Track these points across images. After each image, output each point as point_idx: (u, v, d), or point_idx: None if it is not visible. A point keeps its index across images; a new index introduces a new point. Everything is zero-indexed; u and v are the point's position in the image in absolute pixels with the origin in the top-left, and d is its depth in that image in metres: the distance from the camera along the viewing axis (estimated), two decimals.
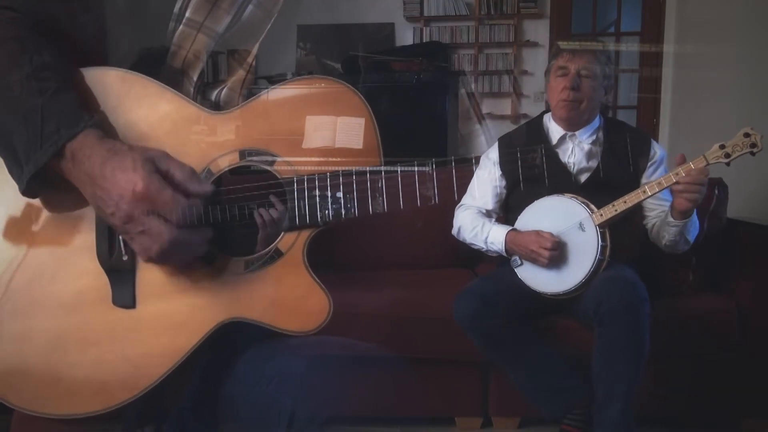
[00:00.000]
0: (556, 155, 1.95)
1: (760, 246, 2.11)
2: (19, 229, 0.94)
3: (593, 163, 1.92)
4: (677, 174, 1.65)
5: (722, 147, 1.62)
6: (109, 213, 0.84)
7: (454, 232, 2.10)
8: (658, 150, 1.94)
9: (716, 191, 2.16)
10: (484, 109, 4.80)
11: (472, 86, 4.79)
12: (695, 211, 1.75)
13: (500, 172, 2.02)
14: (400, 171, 0.94)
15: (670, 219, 1.75)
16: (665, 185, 1.67)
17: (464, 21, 4.87)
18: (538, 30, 4.83)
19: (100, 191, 0.83)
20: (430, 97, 3.91)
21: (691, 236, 1.82)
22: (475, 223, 2.00)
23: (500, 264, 2.03)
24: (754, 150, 1.59)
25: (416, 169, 0.94)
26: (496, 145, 2.07)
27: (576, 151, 1.94)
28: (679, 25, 4.20)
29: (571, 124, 1.95)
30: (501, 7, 4.80)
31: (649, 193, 1.70)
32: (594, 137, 1.95)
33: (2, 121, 0.84)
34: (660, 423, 2.02)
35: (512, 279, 1.89)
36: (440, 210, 2.18)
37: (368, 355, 1.84)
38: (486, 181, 2.02)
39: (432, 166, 0.94)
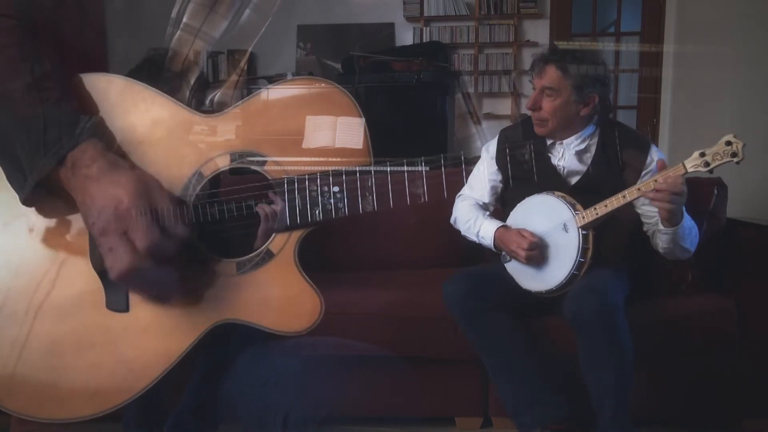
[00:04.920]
0: (547, 156, 1.93)
1: (760, 246, 2.11)
2: (14, 235, 0.94)
3: (584, 167, 1.90)
4: (656, 181, 1.61)
5: (702, 155, 1.57)
6: (90, 222, 0.84)
7: (451, 221, 2.10)
8: (656, 157, 1.86)
9: (716, 191, 2.16)
10: (484, 109, 4.80)
11: (471, 89, 4.79)
12: (685, 217, 1.71)
13: (496, 167, 2.02)
14: (390, 170, 0.94)
15: (660, 226, 1.74)
16: (644, 191, 1.64)
17: (464, 21, 4.87)
18: (538, 30, 4.83)
19: (89, 200, 0.83)
20: (430, 97, 3.90)
21: (689, 244, 1.77)
22: (469, 215, 2.00)
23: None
24: (735, 159, 1.53)
25: (405, 168, 0.94)
26: (495, 139, 2.07)
27: (566, 154, 1.91)
28: (679, 25, 4.19)
29: (553, 136, 1.92)
30: (501, 7, 4.80)
31: (629, 198, 1.67)
32: (584, 145, 1.90)
33: (4, 129, 0.84)
34: (660, 423, 2.02)
35: (503, 273, 1.90)
36: (439, 209, 2.18)
37: (368, 355, 1.84)
38: (483, 174, 2.03)
39: (422, 165, 0.94)
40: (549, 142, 1.94)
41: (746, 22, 3.23)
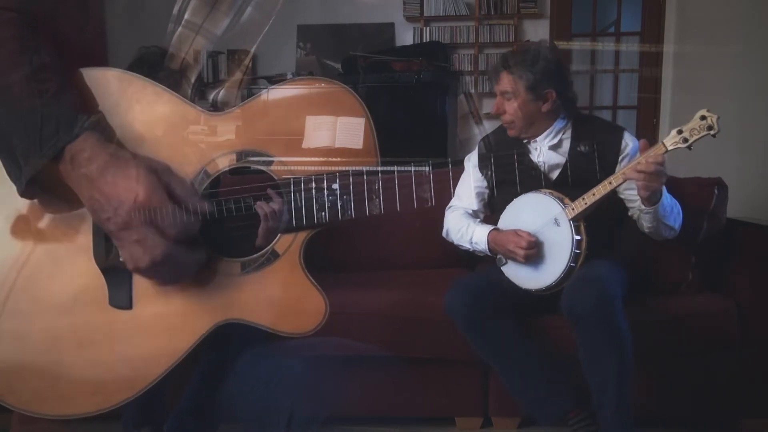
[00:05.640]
0: (527, 156, 1.96)
1: (760, 246, 2.11)
2: (17, 231, 0.94)
3: (562, 160, 1.93)
4: (639, 163, 1.63)
5: (680, 132, 1.61)
6: (105, 218, 0.83)
7: (444, 234, 2.12)
8: (630, 142, 1.91)
9: (716, 191, 2.16)
10: (484, 109, 4.79)
11: (472, 89, 4.79)
12: (664, 195, 1.73)
13: (480, 175, 2.06)
14: (397, 173, 0.93)
15: (641, 206, 1.76)
16: (629, 175, 1.66)
17: (464, 21, 4.86)
18: (538, 30, 4.82)
19: (99, 195, 0.82)
20: (430, 97, 3.90)
21: (672, 221, 1.80)
22: (460, 224, 2.03)
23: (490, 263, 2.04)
24: (712, 132, 1.56)
25: (413, 170, 0.93)
26: (476, 149, 2.11)
27: (543, 151, 1.95)
28: (679, 25, 4.19)
29: (524, 136, 1.96)
30: (501, 7, 4.79)
31: (615, 184, 1.70)
32: (557, 139, 1.94)
33: (1, 122, 0.84)
34: (660, 423, 2.02)
35: (501, 276, 1.91)
36: (440, 210, 2.18)
37: (368, 355, 1.84)
38: (469, 183, 2.07)
39: (429, 168, 0.94)
40: (525, 141, 1.98)
41: (746, 22, 3.23)
